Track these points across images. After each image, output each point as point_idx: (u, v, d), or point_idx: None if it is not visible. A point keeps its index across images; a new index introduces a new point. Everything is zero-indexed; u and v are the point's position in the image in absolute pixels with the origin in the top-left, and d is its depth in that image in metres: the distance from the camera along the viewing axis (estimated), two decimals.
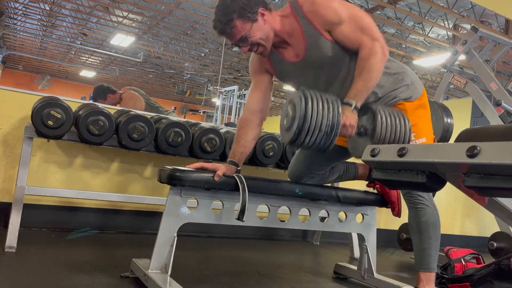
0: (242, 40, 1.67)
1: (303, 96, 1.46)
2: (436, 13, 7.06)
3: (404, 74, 1.80)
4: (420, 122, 1.78)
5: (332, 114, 1.46)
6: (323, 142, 1.49)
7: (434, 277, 1.78)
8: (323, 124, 1.45)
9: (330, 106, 1.47)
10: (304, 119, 1.44)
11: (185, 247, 2.66)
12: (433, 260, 1.76)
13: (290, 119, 1.51)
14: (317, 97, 1.48)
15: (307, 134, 1.46)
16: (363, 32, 1.62)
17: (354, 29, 1.63)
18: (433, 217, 1.77)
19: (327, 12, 1.63)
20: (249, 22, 1.64)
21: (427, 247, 1.76)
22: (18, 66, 15.98)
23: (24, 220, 2.25)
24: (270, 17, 1.69)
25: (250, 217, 1.87)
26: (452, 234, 4.17)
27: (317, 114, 1.45)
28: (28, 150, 2.32)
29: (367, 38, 1.61)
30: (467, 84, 3.42)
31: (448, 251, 2.52)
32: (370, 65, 1.59)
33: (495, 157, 0.76)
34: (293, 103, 1.52)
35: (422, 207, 1.76)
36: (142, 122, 2.43)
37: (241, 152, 1.83)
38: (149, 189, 2.95)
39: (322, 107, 1.46)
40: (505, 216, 1.20)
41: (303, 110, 1.44)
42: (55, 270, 1.91)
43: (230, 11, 1.62)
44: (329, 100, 1.49)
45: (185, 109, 16.44)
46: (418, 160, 0.92)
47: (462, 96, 10.90)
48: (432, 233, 1.76)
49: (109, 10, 8.62)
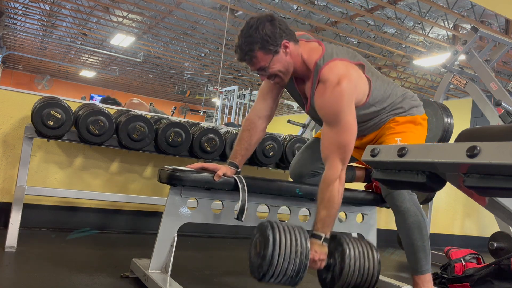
0: (261, 69, 1.66)
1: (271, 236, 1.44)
2: (436, 13, 7.05)
3: (404, 102, 1.84)
4: (410, 132, 1.81)
5: (299, 259, 1.46)
6: (288, 282, 1.50)
7: (430, 278, 1.75)
8: (289, 269, 1.46)
9: (299, 248, 1.47)
10: (270, 265, 1.44)
11: (185, 247, 2.66)
12: (424, 262, 1.73)
13: (257, 255, 1.50)
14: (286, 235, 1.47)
15: (271, 277, 1.46)
16: (339, 149, 1.60)
17: (335, 139, 1.61)
18: (416, 218, 1.72)
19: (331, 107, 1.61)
20: (270, 54, 1.62)
21: (415, 250, 1.73)
22: (18, 66, 15.98)
23: (24, 220, 2.25)
24: (294, 50, 1.66)
25: (250, 217, 1.87)
26: (452, 234, 4.17)
27: (283, 260, 1.44)
28: (28, 150, 2.32)
29: (337, 157, 1.60)
30: (467, 84, 3.42)
31: (448, 251, 2.52)
32: (331, 194, 1.58)
33: (495, 157, 0.75)
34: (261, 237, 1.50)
35: (404, 210, 1.73)
36: (142, 122, 2.43)
37: (242, 155, 1.83)
38: (149, 189, 2.95)
39: (290, 250, 1.45)
40: (505, 216, 1.20)
41: (269, 256, 1.43)
42: (55, 270, 1.91)
43: (253, 41, 1.60)
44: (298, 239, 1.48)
45: (185, 109, 16.44)
46: (418, 160, 0.92)
47: (462, 96, 10.89)
48: (418, 235, 1.72)
49: (109, 10, 8.61)
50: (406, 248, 1.77)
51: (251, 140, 1.85)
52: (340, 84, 1.58)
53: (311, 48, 1.71)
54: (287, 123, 5.19)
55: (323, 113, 1.65)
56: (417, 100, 1.91)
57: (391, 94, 1.82)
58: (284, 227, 1.49)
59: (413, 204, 1.73)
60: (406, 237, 1.74)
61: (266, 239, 1.45)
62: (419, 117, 1.87)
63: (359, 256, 1.56)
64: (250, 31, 1.60)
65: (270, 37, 1.60)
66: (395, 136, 1.81)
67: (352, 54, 1.74)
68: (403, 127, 1.82)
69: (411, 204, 1.73)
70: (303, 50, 1.69)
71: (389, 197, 1.76)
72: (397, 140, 1.78)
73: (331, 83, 1.59)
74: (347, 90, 1.59)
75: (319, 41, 1.74)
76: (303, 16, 7.55)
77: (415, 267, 1.74)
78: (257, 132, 1.86)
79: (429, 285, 1.74)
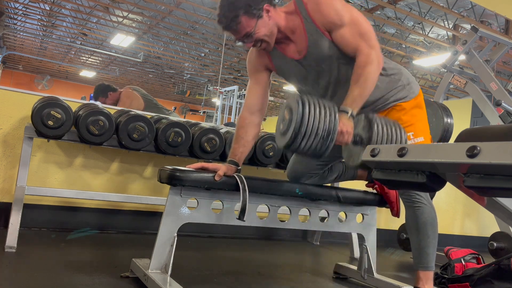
0: (246, 36, 1.67)
1: (300, 101, 1.46)
2: (436, 13, 7.06)
3: (400, 74, 1.83)
4: (417, 121, 1.81)
5: (329, 119, 1.46)
6: (319, 147, 1.48)
7: (432, 276, 1.78)
8: (320, 128, 1.45)
9: (327, 112, 1.47)
10: (301, 123, 1.44)
11: (185, 247, 2.66)
12: (431, 258, 1.76)
13: (287, 122, 1.51)
14: (314, 102, 1.47)
15: (303, 138, 1.45)
16: (362, 38, 1.63)
17: (354, 33, 1.64)
18: (430, 215, 1.76)
19: (330, 12, 1.64)
20: (254, 18, 1.63)
21: (425, 245, 1.75)
22: (18, 66, 15.98)
23: (24, 220, 2.25)
24: (275, 13, 1.69)
25: (250, 217, 1.87)
26: (452, 234, 4.17)
27: (313, 119, 1.44)
28: (28, 150, 2.32)
29: (365, 44, 1.62)
30: (467, 84, 3.42)
31: (448, 251, 2.52)
32: (367, 74, 1.59)
33: (495, 157, 0.75)
34: (290, 107, 1.51)
35: (419, 206, 1.76)
36: (142, 122, 2.43)
37: (241, 152, 1.83)
38: (149, 189, 2.95)
39: (319, 112, 1.45)
40: (505, 216, 1.20)
41: (300, 114, 1.44)
42: (55, 270, 1.91)
43: (236, 7, 1.61)
44: (326, 106, 1.49)
45: (185, 109, 16.44)
46: (418, 160, 0.92)
47: (462, 96, 10.90)
48: (430, 232, 1.75)
49: (109, 10, 8.62)
50: (415, 243, 1.78)
51: (247, 136, 1.85)
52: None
53: (286, 5, 1.75)
54: None
55: (328, 20, 1.65)
56: (409, 73, 1.89)
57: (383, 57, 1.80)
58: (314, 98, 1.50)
59: (429, 201, 1.77)
60: (419, 232, 1.76)
61: (296, 104, 1.46)
62: (420, 96, 1.86)
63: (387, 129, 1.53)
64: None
65: (253, 1, 1.63)
66: (407, 131, 1.75)
67: None
68: (411, 117, 1.79)
69: (427, 201, 1.76)
70: (281, 9, 1.73)
71: (406, 193, 1.78)
72: (410, 135, 1.75)
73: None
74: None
75: None
76: None
77: (422, 261, 1.76)
78: (252, 127, 1.86)
79: (430, 283, 1.76)
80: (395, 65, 1.86)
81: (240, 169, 1.83)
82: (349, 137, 1.54)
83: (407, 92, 1.81)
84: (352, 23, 1.64)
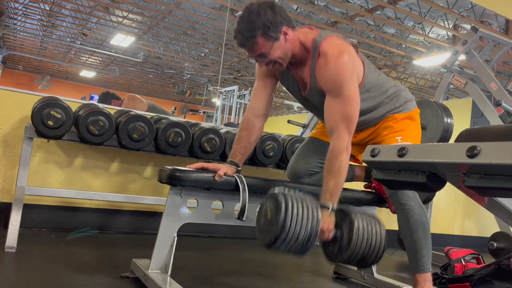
0: (261, 56, 1.65)
1: (283, 205, 1.44)
2: (436, 13, 7.05)
3: (399, 96, 1.88)
4: (408, 129, 1.86)
5: (310, 225, 1.45)
6: (298, 250, 1.49)
7: (430, 277, 1.77)
8: (301, 235, 1.45)
9: (309, 215, 1.46)
10: (282, 229, 1.42)
11: (185, 247, 2.66)
12: (427, 260, 1.75)
13: (268, 222, 1.50)
14: (298, 202, 1.47)
15: (283, 243, 1.45)
16: (344, 120, 1.62)
17: (340, 111, 1.63)
18: (421, 216, 1.75)
19: (332, 81, 1.64)
20: (271, 40, 1.61)
21: (419, 248, 1.74)
22: (18, 66, 15.98)
23: (24, 220, 2.25)
24: (293, 36, 1.67)
25: (250, 217, 1.87)
26: (452, 234, 4.17)
27: (295, 225, 1.43)
28: (28, 150, 2.32)
29: (344, 127, 1.62)
30: (467, 84, 3.42)
31: (448, 251, 2.52)
32: (339, 164, 1.60)
33: (495, 157, 0.75)
34: (273, 204, 1.49)
35: (408, 208, 1.74)
36: (142, 122, 2.43)
37: (242, 153, 1.84)
38: (149, 189, 2.95)
39: (302, 215, 1.45)
40: (505, 216, 1.20)
41: (281, 221, 1.42)
42: (55, 270, 1.91)
43: (254, 27, 1.59)
44: (309, 207, 1.48)
45: (185, 109, 16.44)
46: (418, 160, 0.92)
47: (462, 96, 10.89)
48: (422, 233, 1.74)
49: (109, 10, 8.61)
50: (409, 246, 1.77)
51: (250, 138, 1.86)
52: (341, 55, 1.62)
53: (306, 32, 1.73)
54: (287, 123, 5.19)
55: (327, 85, 1.66)
56: (409, 93, 1.94)
57: (384, 83, 1.84)
58: (296, 195, 1.49)
59: (417, 203, 1.75)
60: (410, 235, 1.75)
61: (278, 205, 1.45)
62: (414, 112, 1.91)
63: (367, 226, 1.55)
64: (252, 17, 1.59)
65: (272, 23, 1.60)
66: (395, 136, 1.83)
67: (343, 37, 1.77)
68: (401, 125, 1.85)
69: (415, 203, 1.74)
70: (299, 34, 1.71)
71: (393, 196, 1.76)
72: (398, 139, 1.81)
73: (332, 54, 1.62)
74: (349, 61, 1.63)
75: (310, 26, 1.78)
76: (303, 16, 7.56)
77: (417, 265, 1.75)
78: (255, 130, 1.87)
79: (429, 284, 1.75)
80: (395, 88, 1.89)
81: (240, 170, 1.83)
82: (330, 234, 1.56)
83: (402, 108, 1.88)
84: (345, 101, 1.63)
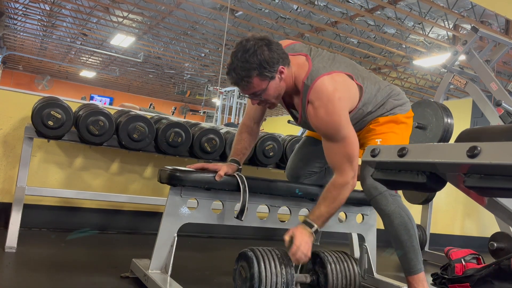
0: (254, 94, 1.61)
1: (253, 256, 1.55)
2: (436, 13, 7.05)
3: (387, 103, 1.81)
4: (390, 132, 1.79)
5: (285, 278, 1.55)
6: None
7: (423, 276, 1.72)
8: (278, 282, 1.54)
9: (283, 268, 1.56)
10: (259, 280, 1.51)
11: (185, 247, 2.66)
12: (416, 261, 1.70)
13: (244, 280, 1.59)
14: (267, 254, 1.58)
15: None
16: (347, 160, 1.61)
17: (341, 152, 1.61)
18: (402, 219, 1.68)
19: (326, 128, 1.61)
20: (267, 80, 1.56)
21: (406, 251, 1.70)
22: (18, 66, 15.98)
23: (24, 220, 2.25)
24: (288, 73, 1.63)
25: (250, 217, 1.87)
26: (452, 234, 4.17)
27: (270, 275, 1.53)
28: (28, 150, 2.32)
29: (349, 167, 1.61)
30: (467, 84, 3.42)
31: (448, 251, 2.52)
32: (340, 197, 1.62)
33: (495, 157, 0.75)
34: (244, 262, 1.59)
35: (389, 213, 1.68)
36: (142, 122, 2.43)
37: (243, 153, 1.88)
38: (149, 189, 2.95)
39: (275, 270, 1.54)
40: (505, 216, 1.20)
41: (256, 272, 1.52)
42: (55, 270, 1.91)
43: (250, 67, 1.52)
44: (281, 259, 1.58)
45: (185, 109, 16.44)
46: (418, 161, 0.92)
47: (462, 96, 10.89)
48: (406, 236, 1.68)
49: (109, 10, 8.62)
50: (396, 250, 1.75)
51: (250, 141, 1.91)
52: (331, 102, 1.57)
53: (299, 65, 1.66)
54: (287, 123, 5.19)
55: (321, 132, 1.66)
56: (402, 99, 1.86)
57: (377, 95, 1.79)
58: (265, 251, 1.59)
59: (397, 206, 1.69)
60: (395, 239, 1.71)
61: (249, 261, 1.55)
62: (401, 116, 1.83)
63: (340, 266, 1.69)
64: (247, 55, 1.52)
65: (268, 63, 1.54)
66: (375, 138, 1.79)
67: (339, 64, 1.70)
68: (384, 128, 1.80)
69: (395, 206, 1.68)
70: (294, 67, 1.65)
71: (373, 201, 1.71)
72: (377, 141, 1.76)
73: (321, 103, 1.58)
74: (340, 105, 1.59)
75: (306, 55, 1.69)
76: (303, 16, 7.56)
77: (407, 268, 1.72)
78: (252, 135, 1.92)
79: (423, 284, 1.72)
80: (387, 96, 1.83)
81: (241, 169, 1.84)
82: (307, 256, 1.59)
83: (388, 113, 1.81)
84: (343, 143, 1.60)
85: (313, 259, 1.71)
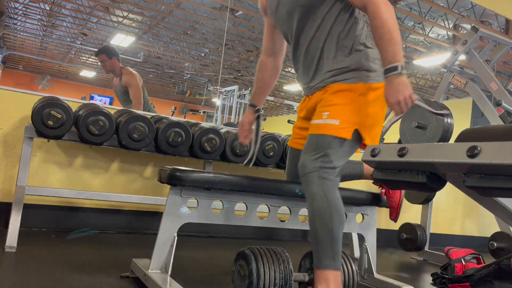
0: None
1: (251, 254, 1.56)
2: (436, 13, 7.06)
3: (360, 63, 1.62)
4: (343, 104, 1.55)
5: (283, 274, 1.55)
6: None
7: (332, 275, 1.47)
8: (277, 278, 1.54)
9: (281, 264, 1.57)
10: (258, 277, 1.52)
11: (185, 247, 2.66)
12: (322, 255, 1.48)
13: (242, 277, 1.60)
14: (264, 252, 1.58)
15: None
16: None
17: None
18: (321, 203, 1.47)
19: None
20: None
21: (315, 240, 1.50)
22: (18, 66, 15.98)
23: (24, 220, 2.25)
24: None
25: (250, 217, 1.87)
26: (453, 234, 4.17)
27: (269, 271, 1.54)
28: (28, 150, 2.32)
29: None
30: (467, 84, 3.42)
31: (448, 251, 2.52)
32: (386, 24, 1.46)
33: (495, 157, 0.75)
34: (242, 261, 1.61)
35: (310, 194, 1.50)
36: (142, 122, 2.43)
37: (259, 94, 1.93)
38: (149, 189, 2.95)
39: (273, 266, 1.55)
40: (505, 216, 1.20)
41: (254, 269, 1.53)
42: (55, 270, 1.91)
43: None
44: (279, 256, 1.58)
45: (185, 109, 16.45)
46: (418, 160, 0.92)
47: (462, 96, 10.89)
48: (318, 224, 1.48)
49: (109, 10, 8.61)
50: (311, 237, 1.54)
51: (264, 78, 1.91)
52: None
53: None
54: (287, 123, 5.20)
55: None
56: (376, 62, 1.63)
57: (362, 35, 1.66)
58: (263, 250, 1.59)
59: (322, 189, 1.47)
60: (311, 223, 1.51)
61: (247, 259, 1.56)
62: (364, 85, 1.58)
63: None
64: None
65: None
66: (322, 110, 1.57)
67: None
68: (336, 98, 1.57)
69: (318, 189, 1.47)
70: None
71: (301, 179, 1.54)
72: (324, 114, 1.55)
73: None
74: None
75: None
76: None
77: (314, 259, 1.53)
78: (268, 69, 1.90)
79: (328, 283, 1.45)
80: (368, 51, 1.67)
81: (259, 109, 1.91)
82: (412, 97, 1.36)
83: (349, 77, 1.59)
84: None
85: (312, 258, 1.70)
